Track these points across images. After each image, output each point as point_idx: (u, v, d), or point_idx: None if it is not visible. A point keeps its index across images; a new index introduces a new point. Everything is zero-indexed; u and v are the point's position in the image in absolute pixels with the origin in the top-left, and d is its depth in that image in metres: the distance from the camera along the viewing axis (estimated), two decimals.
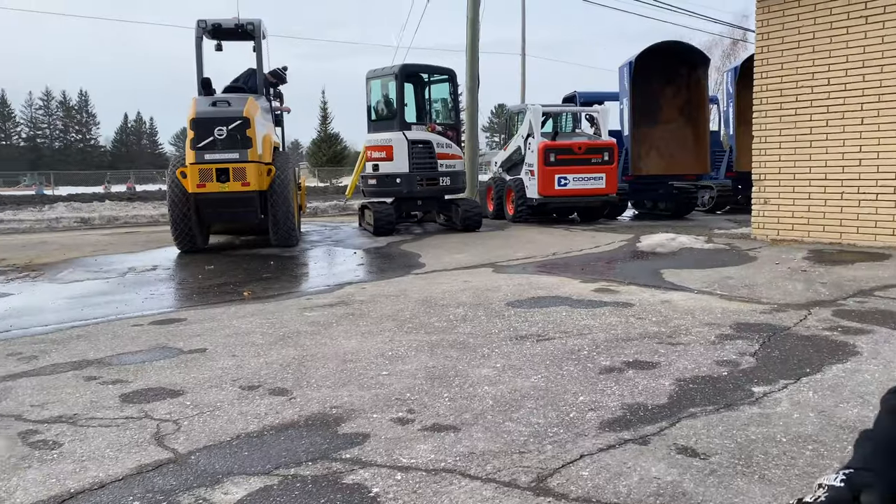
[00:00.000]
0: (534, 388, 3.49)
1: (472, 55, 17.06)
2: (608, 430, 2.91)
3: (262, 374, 3.83)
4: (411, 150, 11.48)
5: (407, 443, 2.82)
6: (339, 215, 17.27)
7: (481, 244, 10.00)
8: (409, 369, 3.83)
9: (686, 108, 14.44)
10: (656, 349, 4.14)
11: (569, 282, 6.60)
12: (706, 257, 7.88)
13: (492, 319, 5.04)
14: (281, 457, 2.72)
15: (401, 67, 11.72)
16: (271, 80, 11.24)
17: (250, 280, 7.19)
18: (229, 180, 8.91)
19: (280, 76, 11.42)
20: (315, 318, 5.17)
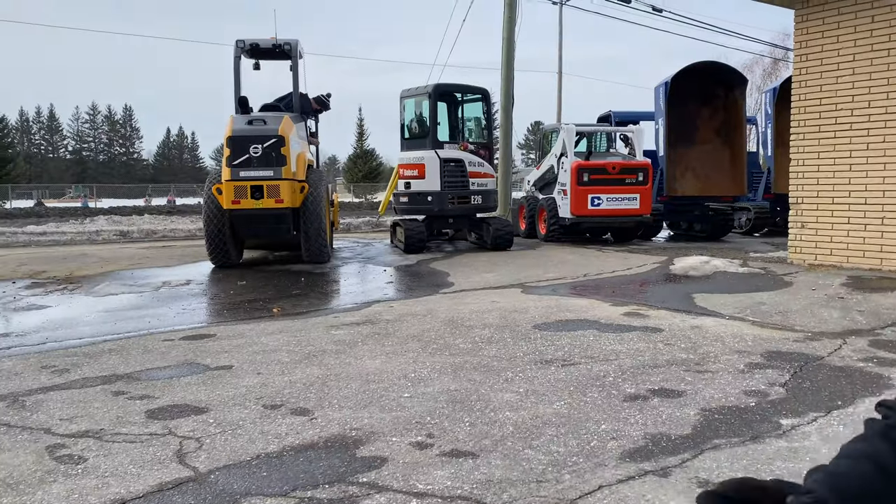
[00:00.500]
0: (556, 414, 3.46)
1: (507, 74, 17.11)
2: (629, 461, 2.87)
3: (286, 392, 3.86)
4: (443, 169, 11.53)
5: (424, 468, 2.81)
6: (371, 231, 17.39)
7: (511, 263, 9.96)
8: (431, 392, 3.82)
9: (723, 129, 14.25)
10: (683, 377, 4.07)
11: (598, 305, 6.54)
12: (740, 282, 7.73)
13: (517, 342, 5.01)
14: (299, 478, 2.73)
15: (434, 87, 11.81)
16: (315, 107, 11.44)
17: (280, 296, 7.27)
18: (263, 197, 9.04)
19: (324, 103, 11.60)
20: (341, 337, 5.20)
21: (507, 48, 17.01)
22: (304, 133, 10.74)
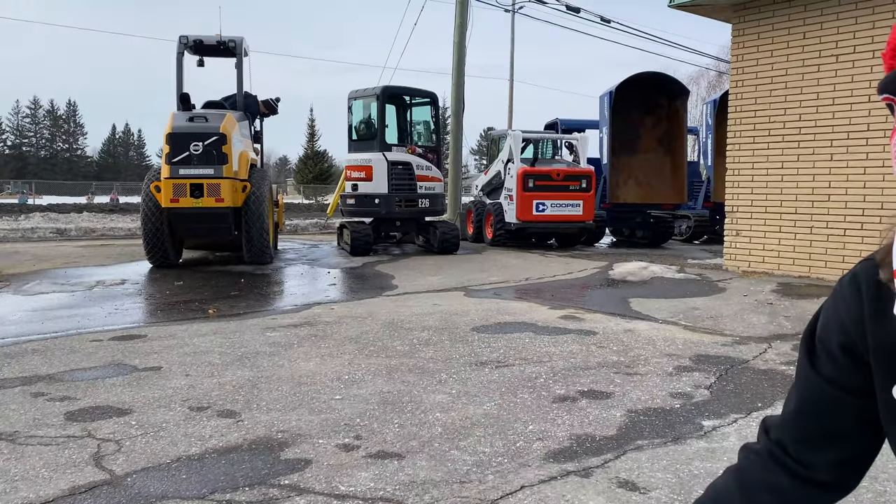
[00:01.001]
0: (485, 415, 3.48)
1: (457, 79, 17.18)
2: (552, 462, 2.90)
3: (214, 395, 3.78)
4: (391, 172, 11.50)
5: (348, 470, 2.79)
6: (319, 233, 17.21)
7: (456, 267, 10.00)
8: (363, 394, 3.80)
9: (665, 139, 14.60)
10: (613, 379, 4.15)
11: (537, 308, 6.61)
12: (676, 287, 7.92)
13: (455, 344, 5.03)
14: (218, 481, 2.68)
15: (382, 89, 11.79)
16: (263, 111, 11.27)
17: (218, 297, 7.14)
18: (203, 196, 8.87)
19: (272, 107, 11.45)
20: (276, 339, 5.13)
21: (458, 53, 17.09)
22: (248, 132, 10.58)
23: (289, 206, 29.23)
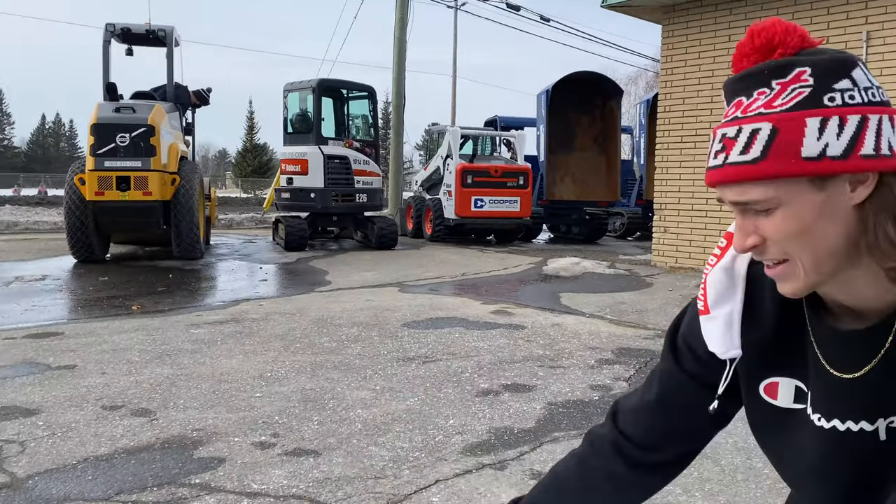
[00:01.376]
0: (407, 411, 3.48)
1: (398, 74, 17.11)
2: (469, 455, 2.93)
3: (130, 393, 3.68)
4: (327, 165, 11.39)
5: (263, 468, 2.76)
6: (255, 228, 16.91)
7: (393, 263, 9.97)
8: (285, 391, 3.76)
9: (600, 138, 14.89)
10: (536, 372, 4.21)
11: (470, 303, 6.66)
12: (605, 282, 8.09)
13: (384, 340, 5.02)
14: (126, 481, 2.61)
15: (318, 81, 11.65)
16: (194, 101, 11.00)
17: (143, 293, 6.94)
18: (130, 189, 8.60)
19: (203, 97, 11.17)
20: (200, 336, 5.02)
21: (398, 48, 17.02)
22: (179, 124, 10.31)
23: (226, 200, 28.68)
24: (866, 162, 0.77)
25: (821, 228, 0.80)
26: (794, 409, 0.94)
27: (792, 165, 0.78)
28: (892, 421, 0.84)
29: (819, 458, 0.91)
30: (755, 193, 0.80)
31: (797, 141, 0.78)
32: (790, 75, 0.80)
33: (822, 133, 0.78)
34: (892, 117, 0.80)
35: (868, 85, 0.80)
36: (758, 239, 0.83)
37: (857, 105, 0.78)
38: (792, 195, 0.79)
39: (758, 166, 0.79)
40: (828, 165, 0.78)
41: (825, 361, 0.89)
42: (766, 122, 0.80)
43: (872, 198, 0.78)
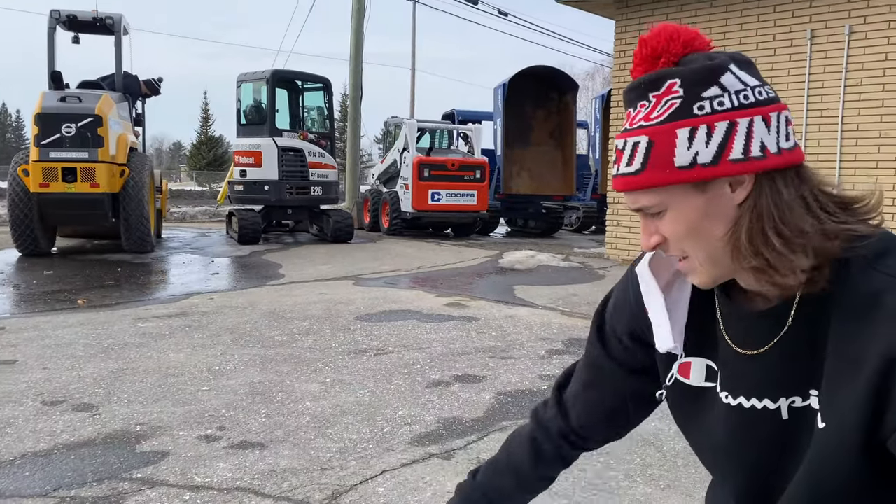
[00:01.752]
0: (356, 402, 3.48)
1: (355, 66, 16.97)
2: (417, 445, 2.94)
3: (72, 388, 3.60)
4: (281, 158, 11.25)
5: (207, 461, 2.73)
6: (209, 221, 16.63)
7: (349, 256, 9.92)
8: (233, 385, 3.72)
9: (556, 132, 15.01)
10: (487, 363, 4.25)
11: (424, 296, 6.67)
12: (559, 275, 8.19)
13: (336, 333, 5.00)
14: (65, 477, 2.56)
15: (273, 72, 11.50)
16: (145, 91, 10.74)
17: (90, 287, 6.78)
18: (77, 181, 8.36)
19: (154, 87, 10.90)
20: (147, 330, 4.93)
21: (355, 39, 16.90)
22: (128, 114, 10.06)
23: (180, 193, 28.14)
24: (736, 165, 0.81)
25: (707, 227, 0.84)
26: (705, 387, 0.97)
27: (667, 175, 0.83)
28: (793, 401, 0.87)
29: (728, 436, 0.94)
30: (644, 200, 0.86)
31: (670, 152, 0.83)
32: (663, 88, 0.84)
33: (691, 142, 0.82)
34: (766, 116, 0.82)
35: (741, 87, 0.83)
36: (659, 238, 0.88)
37: (725, 111, 0.82)
38: (676, 200, 0.84)
39: (639, 177, 0.85)
40: (699, 172, 0.82)
41: (730, 339, 0.92)
42: (644, 135, 0.84)
43: (749, 198, 0.83)
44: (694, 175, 0.82)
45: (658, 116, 0.83)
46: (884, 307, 0.78)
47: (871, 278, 0.80)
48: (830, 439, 0.82)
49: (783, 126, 0.83)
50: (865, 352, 0.78)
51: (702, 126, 0.82)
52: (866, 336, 0.78)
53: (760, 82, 0.84)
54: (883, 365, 0.76)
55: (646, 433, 3.12)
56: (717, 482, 1.06)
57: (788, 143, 0.83)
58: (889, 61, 7.42)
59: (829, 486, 0.84)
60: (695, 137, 0.82)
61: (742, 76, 0.83)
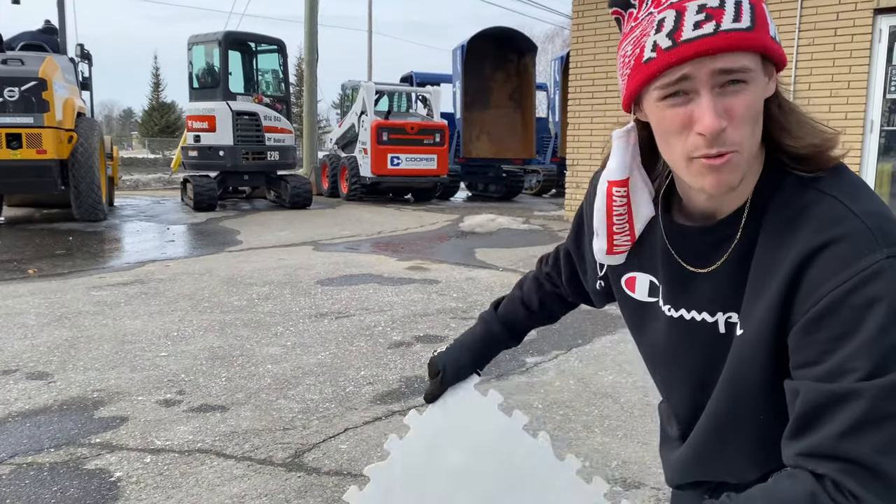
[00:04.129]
0: (318, 364, 3.48)
1: (310, 28, 16.64)
2: (379, 404, 2.96)
3: (25, 357, 3.52)
4: (236, 122, 11.02)
5: (167, 425, 2.70)
6: (163, 189, 16.27)
7: (308, 222, 9.82)
8: (192, 350, 3.68)
9: (515, 94, 14.97)
10: (448, 324, 4.27)
11: (385, 260, 6.65)
12: (519, 237, 8.24)
13: (296, 298, 4.97)
14: (21, 444, 2.52)
15: (225, 34, 11.19)
16: None
17: (40, 257, 6.59)
18: (22, 147, 8.07)
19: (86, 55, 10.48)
20: (102, 298, 4.83)
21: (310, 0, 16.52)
22: (74, 78, 9.71)
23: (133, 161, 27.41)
24: (781, 50, 0.82)
25: (759, 115, 0.83)
26: (649, 301, 1.03)
27: (769, 41, 0.80)
28: (730, 316, 0.91)
29: (669, 345, 1.00)
30: (747, 60, 0.79)
31: (766, 17, 0.80)
32: None
33: (768, 16, 0.81)
34: None
35: None
36: (726, 119, 0.80)
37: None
38: (757, 72, 0.81)
39: (753, 34, 0.78)
40: (777, 49, 0.81)
41: (678, 256, 0.95)
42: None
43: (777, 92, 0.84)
44: (778, 50, 0.81)
45: None
46: (805, 217, 0.81)
47: (803, 194, 0.83)
48: (745, 344, 0.86)
49: None
50: (783, 259, 0.81)
51: (763, 3, 0.81)
52: (786, 245, 0.82)
53: None
54: (793, 268, 0.80)
55: (604, 386, 3.19)
56: (663, 396, 1.12)
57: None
58: (840, 21, 7.54)
59: (743, 389, 0.88)
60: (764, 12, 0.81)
61: None
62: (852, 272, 0.75)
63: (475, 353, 1.26)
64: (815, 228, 0.79)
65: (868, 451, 0.72)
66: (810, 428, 0.76)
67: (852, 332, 0.74)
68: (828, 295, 0.76)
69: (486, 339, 1.28)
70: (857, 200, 0.80)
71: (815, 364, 0.77)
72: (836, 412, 0.74)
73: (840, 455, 0.73)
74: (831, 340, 0.75)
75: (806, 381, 0.77)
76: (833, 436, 0.73)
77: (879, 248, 0.75)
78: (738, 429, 0.91)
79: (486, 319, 1.31)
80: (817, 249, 0.78)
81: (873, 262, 0.75)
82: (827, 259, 0.77)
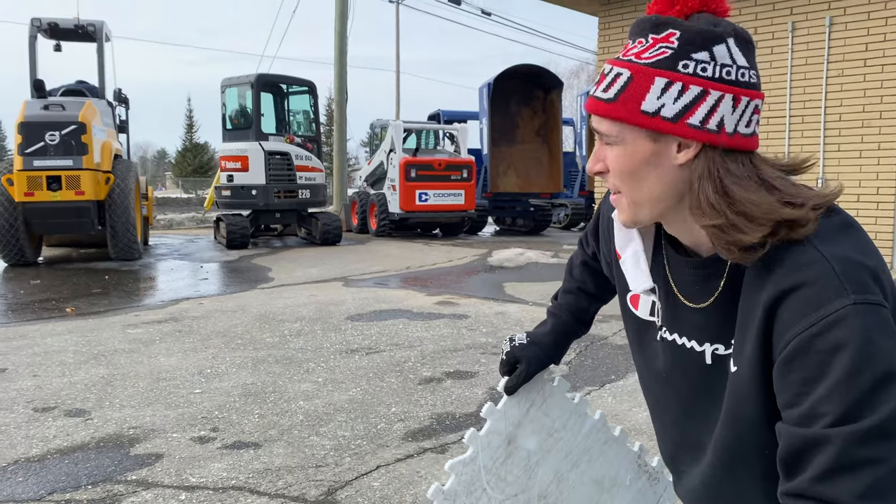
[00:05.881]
0: (350, 401, 3.49)
1: (340, 70, 16.96)
2: (411, 441, 2.95)
3: (63, 394, 3.58)
4: (268, 162, 11.22)
5: (201, 462, 2.72)
6: (196, 228, 16.56)
7: (338, 258, 9.91)
8: (225, 387, 3.71)
9: (542, 130, 15.06)
10: (479, 359, 4.26)
11: (414, 295, 6.67)
12: (549, 271, 8.21)
13: (327, 334, 5.00)
14: (59, 481, 2.55)
15: (257, 76, 11.47)
16: None
17: (78, 295, 6.74)
18: (62, 189, 8.31)
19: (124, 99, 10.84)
20: (137, 336, 4.91)
21: (339, 43, 16.89)
22: (112, 121, 10.02)
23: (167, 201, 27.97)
24: (690, 130, 0.85)
25: (644, 174, 0.89)
26: (649, 321, 1.06)
27: (630, 114, 0.87)
28: (716, 348, 0.94)
29: (663, 366, 1.03)
30: (604, 127, 0.90)
31: (641, 94, 0.86)
32: (662, 34, 0.86)
33: (662, 94, 0.85)
34: (737, 97, 0.85)
35: (728, 63, 0.85)
36: (602, 166, 0.93)
37: (704, 78, 0.84)
38: (630, 139, 0.88)
39: (608, 106, 0.88)
40: (657, 123, 0.86)
41: (675, 287, 0.99)
42: (628, 69, 0.87)
43: (694, 163, 0.86)
44: (651, 124, 0.86)
45: (647, 58, 0.86)
46: (779, 259, 0.83)
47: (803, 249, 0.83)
48: (740, 382, 0.88)
49: (749, 112, 0.86)
50: (760, 300, 0.84)
51: (677, 83, 0.85)
52: (763, 286, 0.84)
53: (749, 66, 0.86)
54: (766, 309, 0.82)
55: (638, 423, 3.15)
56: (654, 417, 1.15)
57: (748, 129, 0.86)
58: (869, 52, 7.50)
59: (745, 425, 0.90)
60: (667, 91, 0.85)
61: (734, 53, 0.85)
62: (817, 317, 0.77)
63: (550, 346, 1.33)
64: (786, 271, 0.81)
65: (846, 495, 0.73)
66: (792, 470, 0.79)
67: (820, 378, 0.76)
68: (795, 339, 0.78)
69: (557, 330, 1.34)
70: (833, 244, 0.82)
71: (792, 406, 0.79)
72: (812, 457, 0.76)
73: (820, 497, 0.75)
74: (803, 383, 0.78)
75: (785, 424, 0.80)
76: (810, 479, 0.76)
77: (846, 294, 0.77)
78: (746, 463, 0.93)
79: (553, 312, 1.38)
80: (786, 292, 0.80)
81: (839, 308, 0.76)
82: (795, 302, 0.79)
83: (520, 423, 1.30)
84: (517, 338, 1.33)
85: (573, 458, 1.33)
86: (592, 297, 1.36)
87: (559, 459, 1.32)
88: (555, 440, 1.32)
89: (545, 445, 1.31)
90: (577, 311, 1.36)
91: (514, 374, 1.29)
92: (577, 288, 1.36)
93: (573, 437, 1.33)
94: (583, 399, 1.35)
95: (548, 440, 1.31)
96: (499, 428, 1.28)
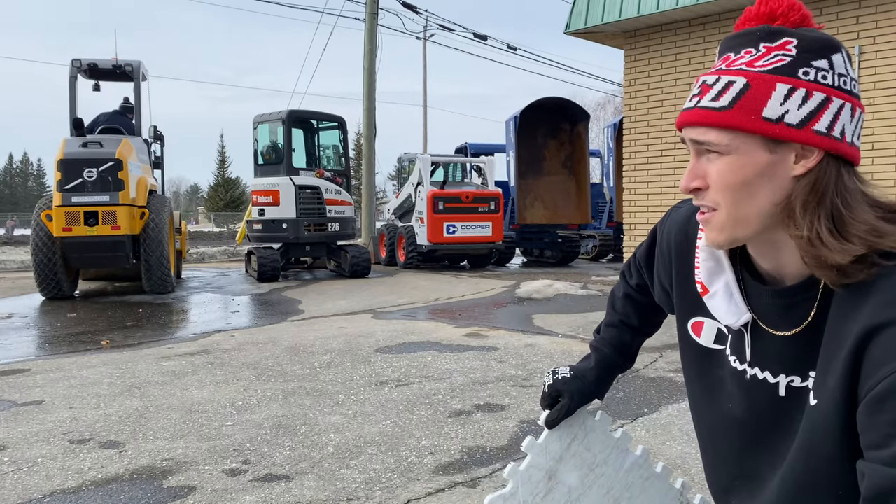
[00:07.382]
0: (380, 433, 3.48)
1: (368, 105, 17.26)
2: (442, 474, 2.93)
3: (98, 426, 3.63)
4: (299, 196, 11.39)
5: (233, 494, 2.73)
6: (228, 261, 16.79)
7: (367, 290, 9.96)
8: (256, 419, 3.73)
9: (569, 161, 15.09)
10: (509, 392, 4.23)
11: (443, 327, 6.67)
12: (577, 303, 8.16)
13: (357, 366, 5.01)
14: None
15: (288, 112, 11.70)
16: None
17: (112, 328, 6.85)
18: (98, 224, 8.52)
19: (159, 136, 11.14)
20: (170, 368, 4.97)
21: (368, 79, 17.20)
22: (147, 157, 10.27)
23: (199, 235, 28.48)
24: (816, 137, 0.83)
25: (757, 186, 0.85)
26: (714, 349, 1.02)
27: (751, 122, 0.84)
28: (792, 380, 0.91)
29: (727, 396, 0.99)
30: (713, 137, 0.86)
31: (762, 101, 0.83)
32: (777, 42, 0.85)
33: (786, 100, 0.83)
34: (854, 107, 0.85)
35: (843, 73, 0.85)
36: (702, 182, 0.88)
37: (826, 85, 0.84)
38: (744, 149, 0.85)
39: (723, 114, 0.85)
40: (782, 130, 0.83)
41: (755, 313, 0.94)
42: (742, 76, 0.85)
43: (809, 173, 0.83)
44: (776, 131, 0.83)
45: (763, 66, 0.84)
46: (873, 290, 0.80)
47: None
48: (819, 415, 0.85)
49: (860, 124, 0.86)
50: (850, 332, 0.80)
51: (801, 89, 0.83)
52: (853, 317, 0.81)
53: (855, 79, 0.87)
54: (856, 343, 0.79)
55: (672, 457, 3.09)
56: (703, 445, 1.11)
57: (858, 141, 0.86)
58: None
59: (820, 461, 0.86)
60: (791, 97, 0.83)
61: (847, 63, 0.86)
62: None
63: (594, 380, 1.30)
64: (880, 303, 0.78)
65: None
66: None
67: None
68: (887, 378, 0.75)
69: (601, 365, 1.32)
70: None
71: (880, 447, 0.75)
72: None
73: None
74: (894, 424, 0.74)
75: (872, 463, 0.76)
76: None
77: None
78: (815, 499, 0.89)
79: (596, 347, 1.36)
80: (879, 327, 0.77)
81: None
82: (888, 339, 0.76)
83: (561, 457, 1.28)
84: (560, 371, 1.29)
85: (614, 494, 1.31)
86: (636, 330, 1.34)
87: (600, 496, 1.30)
88: (596, 476, 1.30)
89: (586, 481, 1.30)
90: (619, 346, 1.34)
91: (556, 408, 1.25)
92: (619, 321, 1.34)
93: (615, 472, 1.31)
94: (625, 434, 1.33)
95: (589, 475, 1.30)
96: (539, 462, 1.26)
